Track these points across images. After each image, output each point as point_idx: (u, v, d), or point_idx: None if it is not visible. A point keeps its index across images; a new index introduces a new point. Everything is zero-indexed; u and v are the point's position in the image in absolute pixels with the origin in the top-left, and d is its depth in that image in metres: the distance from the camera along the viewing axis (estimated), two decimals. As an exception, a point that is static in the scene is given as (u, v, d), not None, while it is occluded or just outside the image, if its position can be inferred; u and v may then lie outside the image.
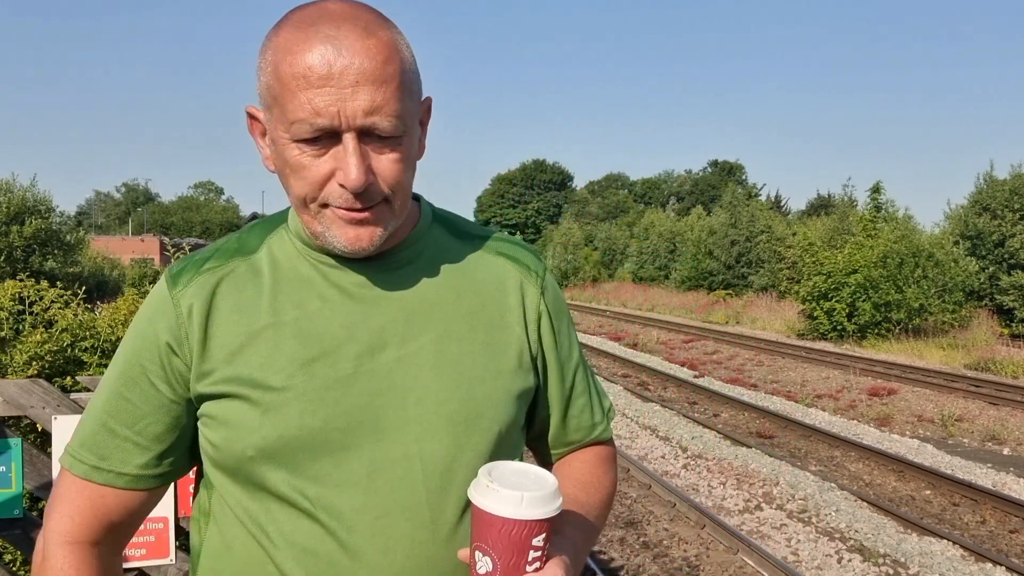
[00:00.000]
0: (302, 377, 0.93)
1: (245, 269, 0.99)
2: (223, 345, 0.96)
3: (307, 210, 0.93)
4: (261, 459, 0.92)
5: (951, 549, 6.24)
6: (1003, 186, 22.82)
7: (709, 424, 10.72)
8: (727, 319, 27.13)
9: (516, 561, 0.82)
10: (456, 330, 0.99)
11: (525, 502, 0.81)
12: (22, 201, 20.05)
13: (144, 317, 1.00)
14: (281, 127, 0.89)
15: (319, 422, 0.92)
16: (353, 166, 0.87)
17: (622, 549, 6.24)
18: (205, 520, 1.02)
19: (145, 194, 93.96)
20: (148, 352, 0.98)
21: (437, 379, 0.96)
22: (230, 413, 0.94)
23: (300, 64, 0.86)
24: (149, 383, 0.98)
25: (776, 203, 46.87)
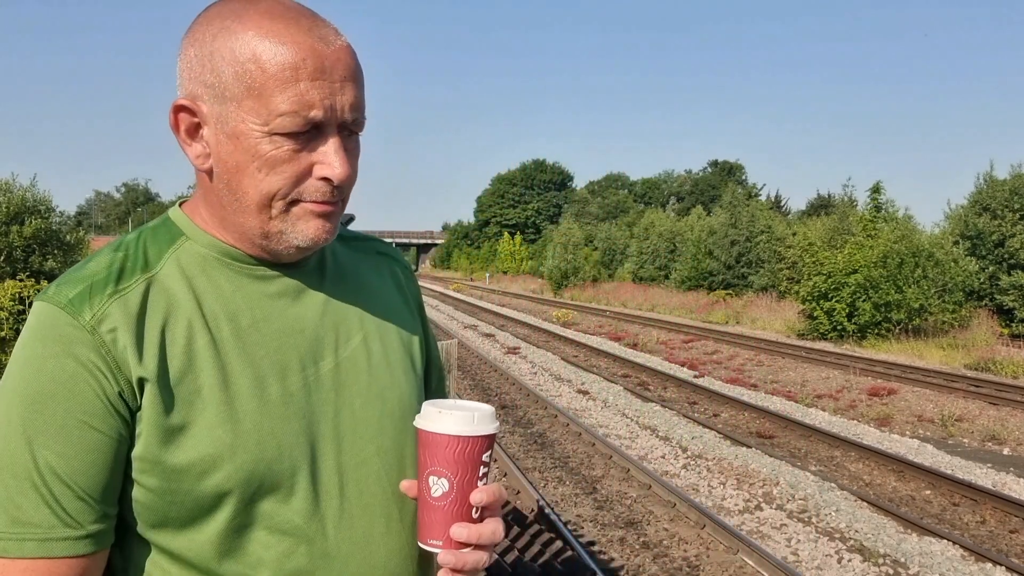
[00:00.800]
0: (261, 396, 0.89)
1: (156, 288, 0.89)
2: (162, 374, 0.85)
3: (268, 209, 0.88)
4: (239, 488, 0.86)
5: (951, 549, 6.24)
6: (1003, 186, 22.81)
7: (709, 424, 10.72)
8: (727, 319, 27.12)
9: (470, 477, 0.90)
10: (374, 330, 1.02)
11: (476, 420, 0.90)
12: (22, 201, 20.01)
13: (47, 356, 0.83)
14: (256, 119, 0.84)
15: (289, 437, 0.90)
16: (342, 160, 0.87)
17: (622, 549, 6.24)
18: None
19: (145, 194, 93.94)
20: (69, 394, 0.82)
21: (371, 379, 0.99)
22: (190, 448, 0.85)
23: (291, 55, 0.84)
24: (83, 426, 0.82)
25: (776, 203, 46.87)
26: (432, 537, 0.91)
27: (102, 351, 0.83)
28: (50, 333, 0.84)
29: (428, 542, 0.92)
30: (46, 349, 0.83)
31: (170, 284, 0.90)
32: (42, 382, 0.83)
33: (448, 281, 61.56)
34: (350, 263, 1.06)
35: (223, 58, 0.85)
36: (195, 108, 0.88)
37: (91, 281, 0.87)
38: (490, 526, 0.92)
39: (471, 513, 0.91)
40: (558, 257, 45.80)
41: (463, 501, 0.90)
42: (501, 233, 70.58)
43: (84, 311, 0.84)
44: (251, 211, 0.88)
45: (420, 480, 0.92)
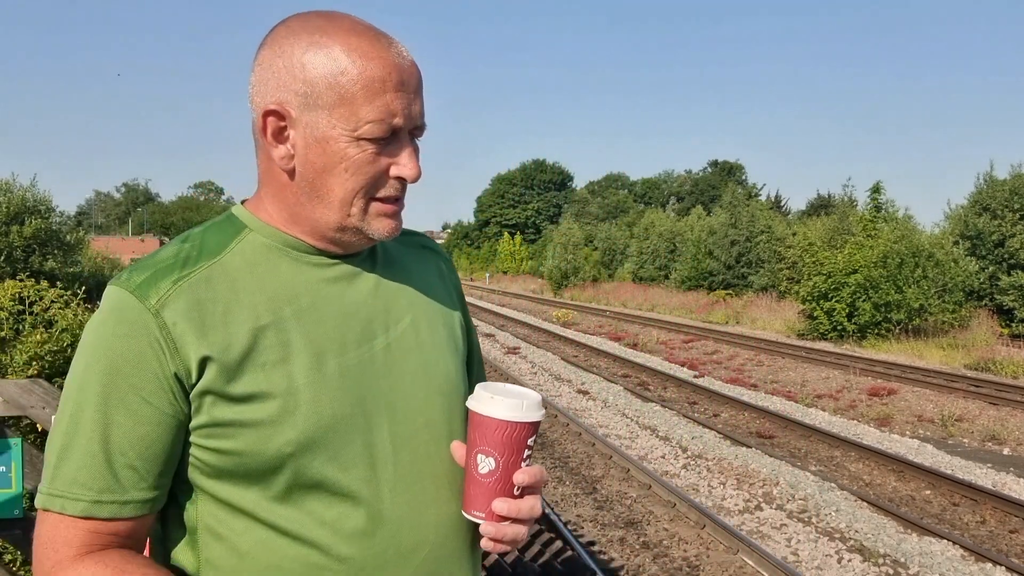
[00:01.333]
0: (320, 369, 0.98)
1: (219, 272, 0.98)
2: (228, 350, 0.94)
3: (349, 206, 0.99)
4: (300, 452, 0.95)
5: (951, 549, 6.24)
6: (1003, 186, 22.81)
7: (709, 424, 10.72)
8: (727, 319, 27.12)
9: (515, 458, 0.99)
10: (422, 313, 1.12)
11: (525, 407, 0.99)
12: (22, 201, 20.02)
13: (115, 336, 0.93)
14: (345, 125, 0.95)
15: (347, 408, 0.98)
16: (416, 162, 1.00)
17: (622, 549, 6.24)
18: (193, 540, 0.99)
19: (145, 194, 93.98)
20: (133, 371, 0.92)
21: (421, 359, 1.08)
22: (256, 415, 0.94)
23: (378, 69, 0.95)
24: (142, 401, 0.93)
25: (776, 203, 46.86)
26: (476, 508, 1.00)
27: (164, 332, 0.93)
28: (120, 315, 0.94)
29: (472, 513, 1.01)
30: (116, 329, 0.93)
31: (234, 270, 0.99)
32: (111, 359, 0.93)
33: (448, 281, 61.37)
34: (398, 253, 1.16)
35: (315, 69, 0.95)
36: (284, 113, 0.97)
37: (157, 268, 0.96)
38: (528, 502, 1.01)
39: (513, 491, 1.00)
40: (558, 257, 45.80)
41: (507, 479, 0.99)
42: (501, 233, 70.58)
43: (150, 295, 0.94)
44: (333, 207, 0.99)
45: (468, 456, 1.01)
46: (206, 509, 0.98)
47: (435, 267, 1.21)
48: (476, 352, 1.27)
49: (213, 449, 0.95)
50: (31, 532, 0.95)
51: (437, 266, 1.22)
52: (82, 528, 0.92)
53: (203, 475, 0.97)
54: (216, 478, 0.96)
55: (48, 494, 0.93)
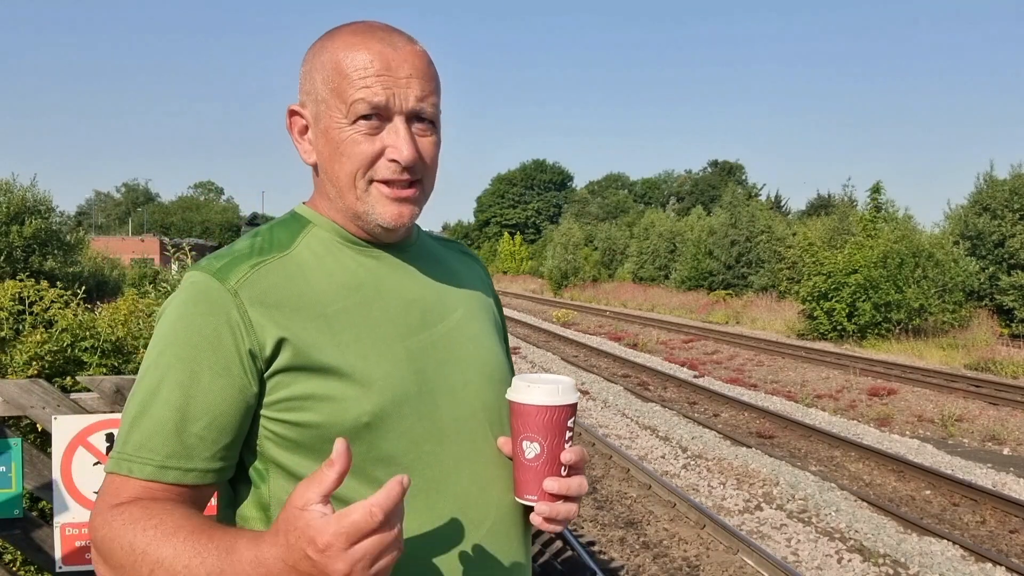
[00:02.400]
0: (389, 350, 1.06)
1: (290, 263, 1.07)
2: (302, 330, 1.01)
3: (353, 189, 1.06)
4: (374, 425, 1.01)
5: (951, 549, 6.24)
6: (1003, 186, 22.81)
7: (709, 424, 10.72)
8: (727, 319, 27.12)
9: (558, 441, 1.05)
10: (471, 308, 1.21)
11: (561, 391, 1.05)
12: (22, 201, 20.03)
13: (195, 314, 1.00)
14: (338, 113, 1.04)
15: (414, 386, 1.06)
16: (407, 143, 1.04)
17: (622, 549, 6.24)
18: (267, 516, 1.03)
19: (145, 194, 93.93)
20: (210, 346, 0.99)
21: (474, 347, 1.16)
22: (333, 389, 1.00)
23: (361, 58, 1.04)
24: (215, 374, 0.98)
25: (776, 203, 46.85)
26: (528, 492, 1.06)
27: (241, 312, 1.00)
28: (201, 295, 1.01)
29: (525, 497, 1.06)
30: (197, 307, 1.00)
31: (304, 261, 1.08)
32: (190, 334, 0.99)
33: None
34: (444, 255, 1.26)
35: (316, 69, 1.08)
36: (302, 112, 1.10)
37: (235, 255, 1.05)
38: (576, 480, 1.07)
39: (560, 471, 1.05)
40: (558, 257, 45.80)
41: (553, 461, 1.05)
42: (501, 233, 70.58)
43: (230, 277, 1.01)
44: (344, 192, 1.07)
45: (515, 445, 1.07)
46: (279, 484, 1.02)
47: (476, 272, 1.32)
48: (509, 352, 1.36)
49: (292, 423, 1.01)
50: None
51: (477, 271, 1.32)
52: (143, 488, 0.97)
53: (280, 448, 1.02)
54: (293, 451, 1.01)
55: (118, 459, 0.98)
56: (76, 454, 2.87)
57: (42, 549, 2.16)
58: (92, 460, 2.89)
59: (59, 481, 2.52)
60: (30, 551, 2.18)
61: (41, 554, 2.17)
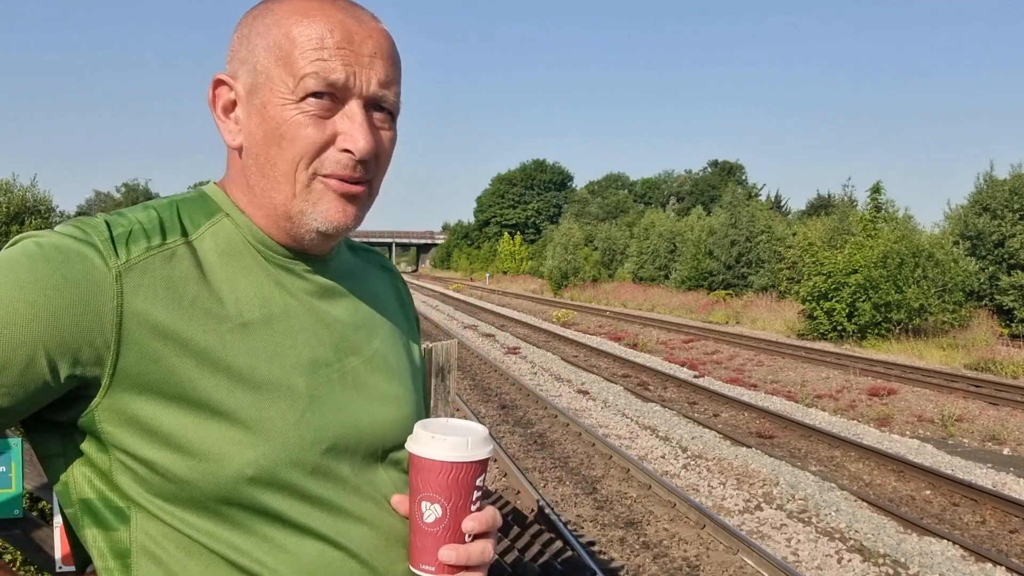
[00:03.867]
0: (291, 384, 0.87)
1: (188, 253, 0.86)
2: (185, 348, 0.82)
3: (292, 182, 0.87)
4: (261, 477, 0.83)
5: (951, 549, 6.24)
6: (1003, 186, 22.81)
7: (709, 424, 10.72)
8: (727, 319, 27.12)
9: (463, 503, 0.89)
10: (387, 335, 1.03)
11: (470, 445, 0.88)
12: (22, 201, 20.04)
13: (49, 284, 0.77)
14: (283, 87, 0.86)
15: (312, 433, 0.87)
16: (365, 133, 0.87)
17: (622, 549, 6.24)
18: (125, 564, 0.84)
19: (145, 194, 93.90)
20: (49, 334, 0.76)
21: (389, 383, 0.99)
22: (208, 435, 0.81)
23: (318, 27, 0.86)
24: (33, 370, 0.77)
25: (776, 203, 46.85)
26: (424, 562, 0.90)
27: (116, 303, 0.79)
28: (67, 263, 0.78)
29: (420, 567, 0.90)
30: (50, 278, 0.77)
31: (206, 256, 0.88)
32: (27, 303, 0.76)
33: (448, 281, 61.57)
34: (361, 271, 1.07)
35: (259, 34, 0.88)
36: (231, 83, 0.90)
37: (134, 226, 0.84)
38: (479, 547, 0.90)
39: (463, 538, 0.90)
40: (558, 257, 45.78)
41: (455, 527, 0.89)
42: (501, 233, 70.57)
43: (119, 254, 0.81)
44: (278, 185, 0.88)
45: (412, 504, 0.90)
46: (144, 530, 0.84)
47: (394, 290, 1.13)
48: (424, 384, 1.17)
49: (151, 464, 0.82)
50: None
51: (396, 289, 1.14)
52: None
53: (143, 490, 0.83)
54: (160, 497, 0.83)
55: None
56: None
57: (42, 549, 2.16)
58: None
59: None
60: (30, 551, 2.18)
61: (41, 554, 2.17)
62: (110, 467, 0.83)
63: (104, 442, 0.82)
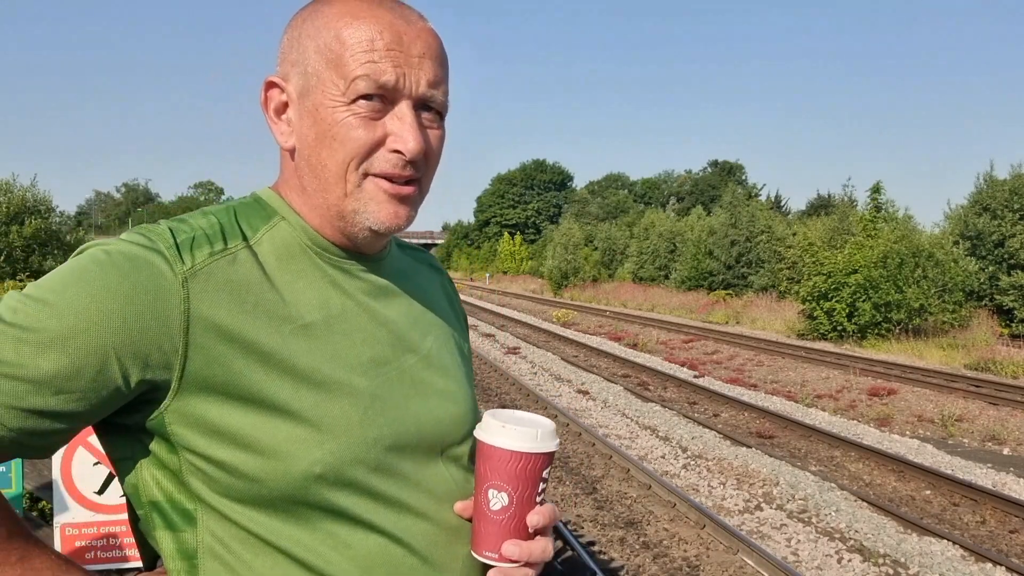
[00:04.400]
0: (353, 383, 0.89)
1: (249, 257, 0.88)
2: (250, 351, 0.84)
3: (343, 182, 0.89)
4: (327, 474, 0.85)
5: (951, 549, 6.24)
6: (1003, 186, 22.81)
7: (709, 424, 10.72)
8: (727, 319, 27.12)
9: (529, 493, 0.90)
10: (440, 333, 1.05)
11: (539, 437, 0.90)
12: (22, 201, 20.04)
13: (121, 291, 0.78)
14: (334, 89, 0.87)
15: (375, 431, 0.89)
16: (415, 133, 0.88)
17: (622, 549, 6.24)
18: (192, 565, 0.86)
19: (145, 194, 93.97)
20: (121, 340, 0.78)
21: (448, 381, 1.01)
22: (276, 433, 0.83)
23: (368, 29, 0.87)
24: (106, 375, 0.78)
25: (776, 203, 46.84)
26: (488, 549, 0.91)
27: (183, 308, 0.81)
28: (137, 270, 0.80)
29: (483, 554, 0.91)
30: (121, 286, 0.79)
31: (265, 259, 0.89)
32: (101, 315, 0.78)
33: (448, 281, 61.37)
34: (412, 270, 1.08)
35: (309, 36, 0.90)
36: (283, 86, 0.92)
37: (197, 232, 0.86)
38: (540, 544, 0.92)
39: (527, 530, 0.91)
40: (558, 257, 45.78)
41: (520, 517, 0.90)
42: (501, 233, 70.55)
43: (185, 259, 0.83)
44: (330, 185, 0.89)
45: (478, 491, 0.91)
46: (211, 531, 0.86)
47: (443, 289, 1.15)
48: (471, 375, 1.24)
49: (221, 463, 0.83)
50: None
51: (444, 288, 1.16)
52: None
53: (212, 490, 0.84)
54: (229, 497, 0.84)
55: None
56: (76, 454, 2.87)
57: (42, 549, 2.16)
58: (92, 460, 2.88)
59: (59, 481, 2.52)
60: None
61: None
62: (180, 468, 0.85)
63: (174, 444, 0.84)
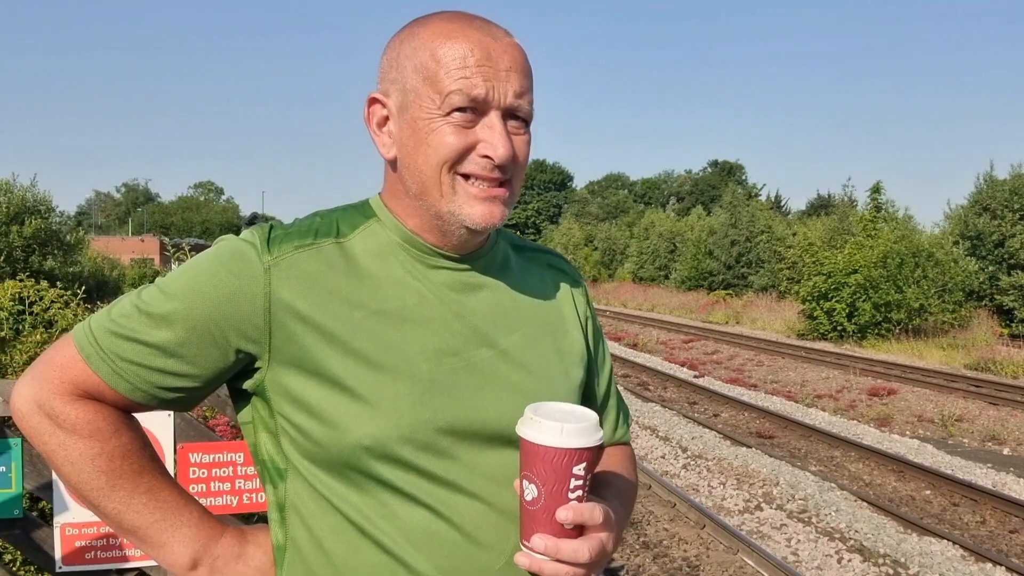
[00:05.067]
0: (410, 369, 0.97)
1: (338, 252, 1.00)
2: (321, 331, 0.96)
3: (439, 184, 0.98)
4: (376, 448, 0.94)
5: (951, 549, 6.24)
6: (1003, 186, 22.82)
7: (709, 424, 10.72)
8: (727, 319, 27.13)
9: (559, 488, 0.91)
10: (535, 333, 1.09)
11: (565, 432, 0.90)
12: (22, 201, 20.02)
13: (218, 277, 0.96)
14: (431, 103, 0.96)
15: (429, 413, 0.96)
16: (503, 139, 0.97)
17: (622, 549, 6.24)
18: (282, 516, 1.02)
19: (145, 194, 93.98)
20: (217, 316, 0.95)
21: (526, 377, 1.04)
22: (335, 406, 0.95)
23: (460, 47, 0.97)
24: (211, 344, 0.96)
25: (776, 203, 46.86)
26: (525, 538, 0.93)
27: (265, 292, 0.95)
28: (233, 258, 0.97)
29: (522, 541, 0.94)
30: (224, 268, 0.96)
31: (355, 254, 1.01)
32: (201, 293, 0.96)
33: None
34: (519, 268, 1.14)
35: (406, 56, 1.00)
36: (384, 101, 1.02)
37: (291, 230, 1.01)
38: (572, 545, 0.91)
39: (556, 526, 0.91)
40: (558, 257, 45.80)
41: (551, 510, 0.91)
42: (501, 233, 70.55)
43: (272, 251, 0.97)
44: (428, 188, 0.99)
45: (519, 480, 0.95)
46: (295, 489, 1.00)
47: (561, 288, 1.17)
48: (602, 390, 1.21)
49: (300, 428, 0.97)
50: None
51: (564, 287, 1.18)
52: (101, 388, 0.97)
53: (296, 451, 0.98)
54: (308, 458, 0.98)
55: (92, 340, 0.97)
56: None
57: (42, 549, 2.16)
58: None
59: (59, 481, 2.52)
60: (30, 551, 2.18)
61: (41, 554, 2.17)
62: (276, 430, 1.00)
63: (272, 409, 1.00)
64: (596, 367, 1.20)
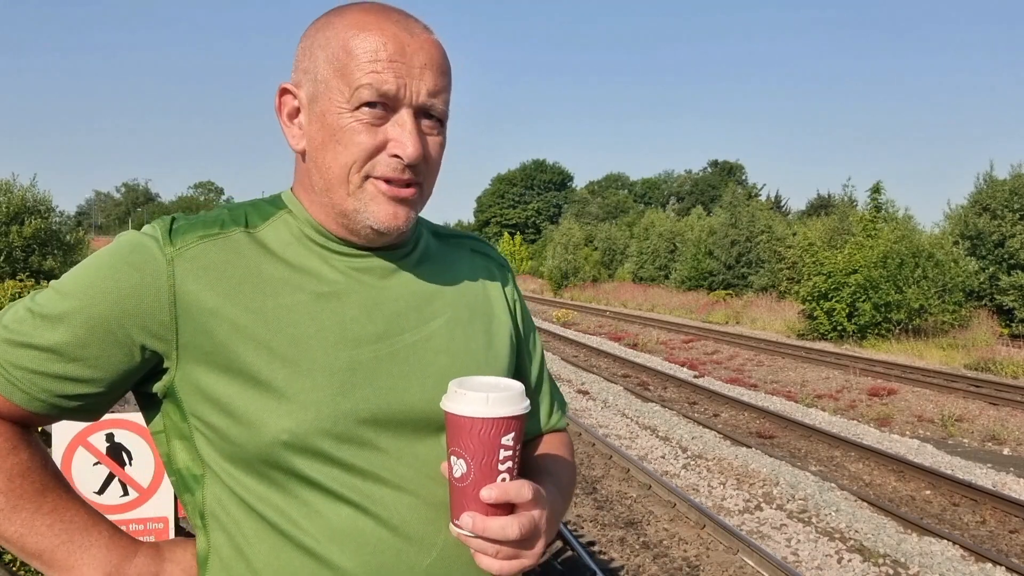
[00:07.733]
0: (328, 359, 0.93)
1: (248, 242, 0.96)
2: (231, 323, 0.91)
3: (346, 184, 0.94)
4: (294, 443, 0.90)
5: (951, 549, 6.24)
6: (1003, 186, 22.80)
7: (709, 424, 10.72)
8: (727, 319, 27.12)
9: (488, 460, 0.88)
10: (460, 318, 1.06)
11: (491, 402, 0.88)
12: (22, 201, 20.01)
13: (117, 271, 0.91)
14: (340, 96, 0.93)
15: (350, 403, 0.92)
16: (414, 139, 0.93)
17: (622, 549, 6.24)
18: (203, 524, 0.97)
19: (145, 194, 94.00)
20: (119, 313, 0.90)
21: (452, 362, 1.01)
22: (249, 402, 0.90)
23: (374, 40, 0.93)
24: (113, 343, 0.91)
25: (776, 203, 46.84)
26: (454, 517, 0.91)
27: (169, 284, 0.91)
28: (131, 250, 0.92)
29: (453, 522, 0.91)
30: (122, 261, 0.91)
31: (266, 243, 0.97)
32: (101, 290, 0.90)
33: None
34: (440, 255, 1.11)
35: (320, 46, 0.96)
36: (295, 92, 0.98)
37: (195, 221, 0.96)
38: (499, 522, 0.87)
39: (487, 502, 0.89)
40: (558, 257, 45.79)
41: (483, 485, 0.88)
42: (501, 233, 70.55)
43: (174, 243, 0.93)
44: (334, 186, 0.95)
45: (447, 459, 0.91)
46: (213, 494, 0.95)
47: (485, 273, 1.15)
48: (534, 374, 1.19)
49: (214, 427, 0.92)
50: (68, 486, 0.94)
51: (489, 271, 1.16)
52: None
53: (213, 451, 0.94)
54: (225, 459, 0.93)
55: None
56: (76, 454, 2.87)
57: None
58: (92, 460, 2.89)
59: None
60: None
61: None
62: (191, 434, 0.95)
63: (184, 412, 0.94)
64: (527, 350, 1.17)
